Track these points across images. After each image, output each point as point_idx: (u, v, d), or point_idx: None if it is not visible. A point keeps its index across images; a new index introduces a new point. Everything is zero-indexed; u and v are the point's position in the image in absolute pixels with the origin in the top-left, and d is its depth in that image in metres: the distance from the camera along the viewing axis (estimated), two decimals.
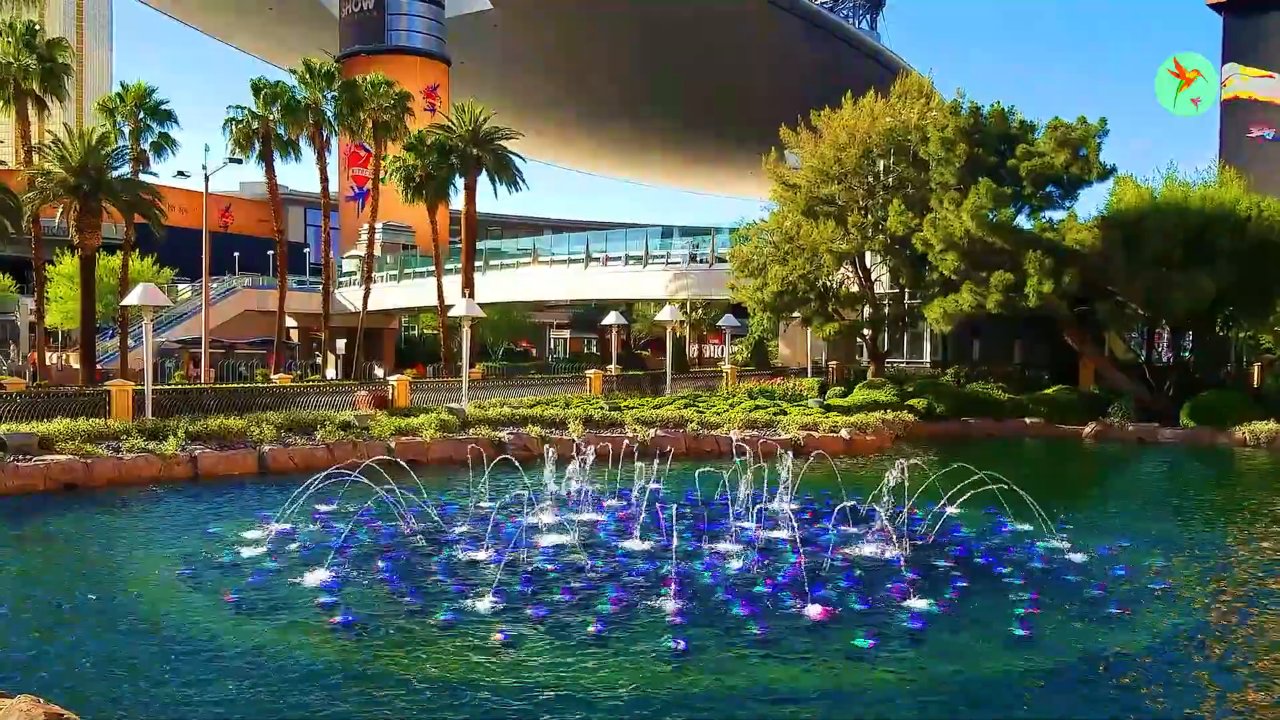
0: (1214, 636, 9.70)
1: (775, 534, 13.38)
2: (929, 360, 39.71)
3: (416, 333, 79.10)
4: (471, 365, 31.22)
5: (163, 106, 45.14)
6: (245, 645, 8.78)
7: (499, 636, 8.98)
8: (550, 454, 16.75)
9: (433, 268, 52.55)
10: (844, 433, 25.00)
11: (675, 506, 13.54)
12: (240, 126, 45.05)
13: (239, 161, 45.66)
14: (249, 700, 7.53)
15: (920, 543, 13.03)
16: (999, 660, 8.71)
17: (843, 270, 35.41)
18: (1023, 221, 30.33)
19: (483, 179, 48.24)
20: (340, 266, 69.01)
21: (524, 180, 49.17)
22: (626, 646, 8.79)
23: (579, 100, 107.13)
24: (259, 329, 62.00)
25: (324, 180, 48.52)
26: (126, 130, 44.69)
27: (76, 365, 43.23)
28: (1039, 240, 28.64)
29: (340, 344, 56.91)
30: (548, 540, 12.84)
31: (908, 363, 39.70)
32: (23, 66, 40.91)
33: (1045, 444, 28.14)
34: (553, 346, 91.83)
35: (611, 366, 37.03)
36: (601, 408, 26.62)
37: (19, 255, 53.00)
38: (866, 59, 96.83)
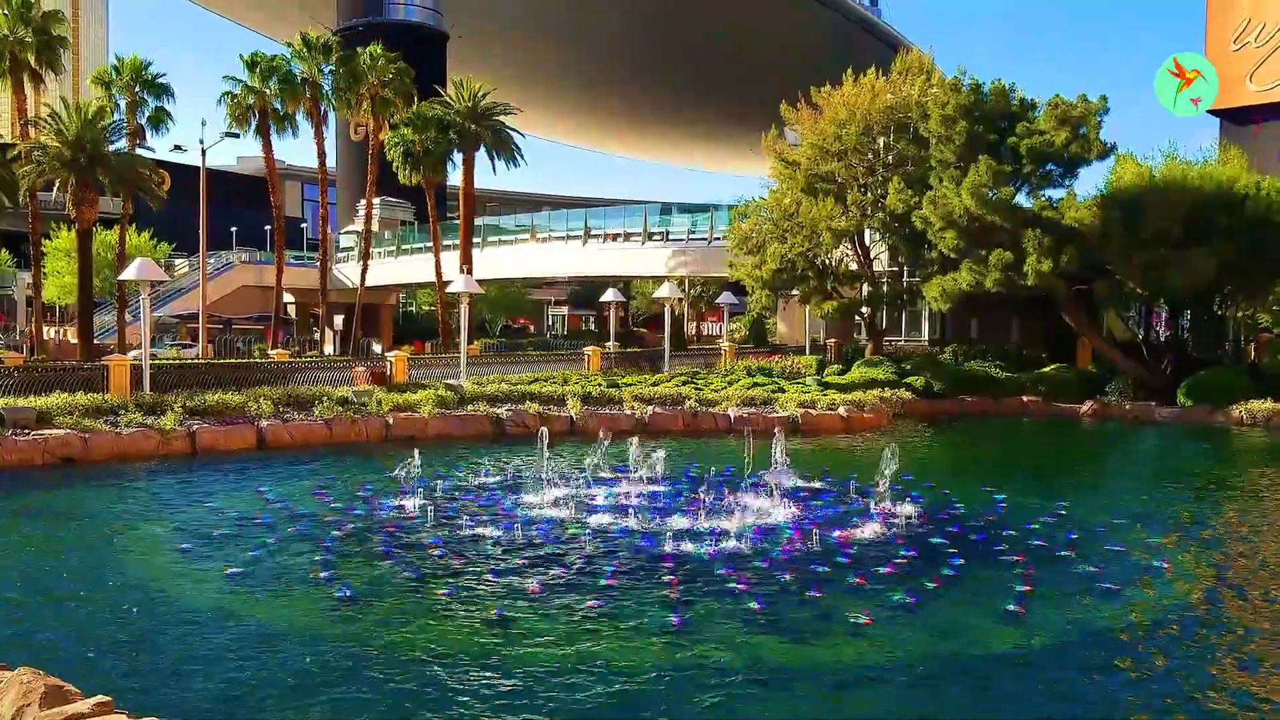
0: (1200, 615, 9.75)
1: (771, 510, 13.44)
2: (927, 338, 39.71)
3: (414, 309, 79.04)
4: (470, 342, 31.21)
5: (159, 80, 44.96)
6: (245, 618, 8.82)
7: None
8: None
9: (430, 244, 52.46)
10: (841, 410, 25.04)
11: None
12: (236, 100, 44.82)
13: (235, 136, 45.50)
14: (250, 674, 7.56)
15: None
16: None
17: (842, 248, 35.34)
18: (1022, 200, 30.22)
19: (481, 155, 48.10)
20: (338, 242, 68.83)
21: (523, 156, 49.09)
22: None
23: (577, 75, 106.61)
24: (256, 304, 61.95)
25: (321, 155, 48.35)
26: (123, 104, 44.54)
27: (74, 340, 43.22)
28: (1038, 218, 28.58)
29: (338, 320, 56.85)
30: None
31: (906, 341, 39.73)
32: (19, 39, 40.71)
33: (1042, 422, 28.19)
34: (551, 323, 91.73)
35: (610, 344, 37.00)
36: (600, 385, 26.63)
37: (15, 229, 52.94)
38: (868, 35, 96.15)
